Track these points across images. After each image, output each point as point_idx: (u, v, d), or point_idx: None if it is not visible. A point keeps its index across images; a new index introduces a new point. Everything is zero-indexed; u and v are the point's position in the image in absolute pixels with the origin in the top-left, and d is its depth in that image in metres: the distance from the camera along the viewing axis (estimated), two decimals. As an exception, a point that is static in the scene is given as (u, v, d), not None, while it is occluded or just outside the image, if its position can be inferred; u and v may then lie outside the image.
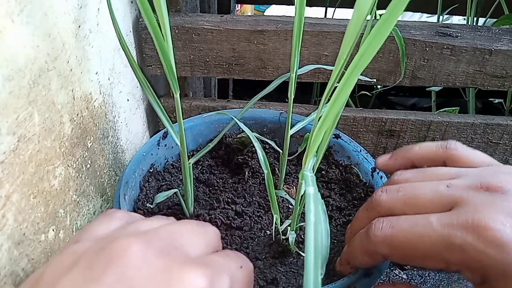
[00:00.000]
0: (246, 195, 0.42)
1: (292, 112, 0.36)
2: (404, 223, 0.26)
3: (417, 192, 0.27)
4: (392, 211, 0.27)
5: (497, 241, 0.23)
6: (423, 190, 0.27)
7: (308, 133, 0.44)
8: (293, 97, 0.35)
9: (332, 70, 0.24)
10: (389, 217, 0.27)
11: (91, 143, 0.41)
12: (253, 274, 0.26)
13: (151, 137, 0.53)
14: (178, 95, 0.30)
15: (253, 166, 0.44)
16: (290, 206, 0.41)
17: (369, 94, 0.79)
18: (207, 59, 0.52)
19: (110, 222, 0.25)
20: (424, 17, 0.97)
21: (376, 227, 0.27)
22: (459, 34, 0.50)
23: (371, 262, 0.28)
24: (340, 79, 0.22)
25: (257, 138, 0.36)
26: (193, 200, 0.39)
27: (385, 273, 0.60)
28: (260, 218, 0.39)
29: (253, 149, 0.46)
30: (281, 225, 0.35)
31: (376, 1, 0.25)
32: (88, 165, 0.41)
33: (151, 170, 0.43)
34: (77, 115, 0.37)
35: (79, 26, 0.36)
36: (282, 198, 0.40)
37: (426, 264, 0.26)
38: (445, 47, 0.49)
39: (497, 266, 0.23)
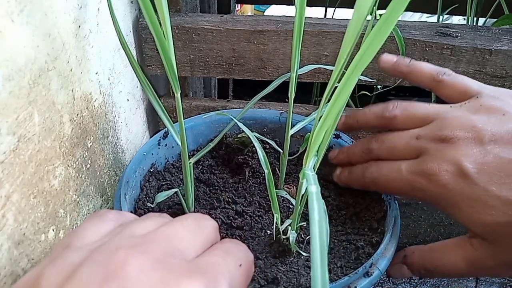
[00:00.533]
0: (246, 194, 0.42)
1: (292, 112, 0.36)
2: (384, 169, 0.35)
3: (395, 144, 0.36)
4: (379, 157, 0.37)
5: (440, 182, 0.31)
6: (399, 142, 0.35)
7: (308, 133, 0.44)
8: (293, 97, 0.35)
9: (332, 70, 0.24)
10: (376, 162, 0.36)
11: (91, 143, 0.41)
12: (253, 266, 0.26)
13: (151, 137, 0.53)
14: (179, 94, 0.30)
15: (254, 166, 0.44)
16: (290, 206, 0.41)
17: (369, 94, 0.79)
18: (207, 59, 0.52)
19: (101, 224, 0.24)
20: (424, 17, 0.97)
21: (368, 171, 0.37)
22: (459, 34, 0.50)
23: (364, 189, 0.39)
24: (340, 79, 0.22)
25: (257, 138, 0.36)
26: (193, 199, 0.39)
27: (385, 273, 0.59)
28: (260, 217, 0.39)
29: (254, 149, 0.46)
30: (281, 224, 0.35)
31: (376, 1, 0.25)
32: (88, 165, 0.41)
33: (151, 170, 0.43)
34: (77, 115, 0.37)
35: (79, 26, 0.36)
36: (282, 198, 0.40)
37: (400, 196, 0.37)
38: (445, 47, 0.49)
39: (443, 199, 0.32)
